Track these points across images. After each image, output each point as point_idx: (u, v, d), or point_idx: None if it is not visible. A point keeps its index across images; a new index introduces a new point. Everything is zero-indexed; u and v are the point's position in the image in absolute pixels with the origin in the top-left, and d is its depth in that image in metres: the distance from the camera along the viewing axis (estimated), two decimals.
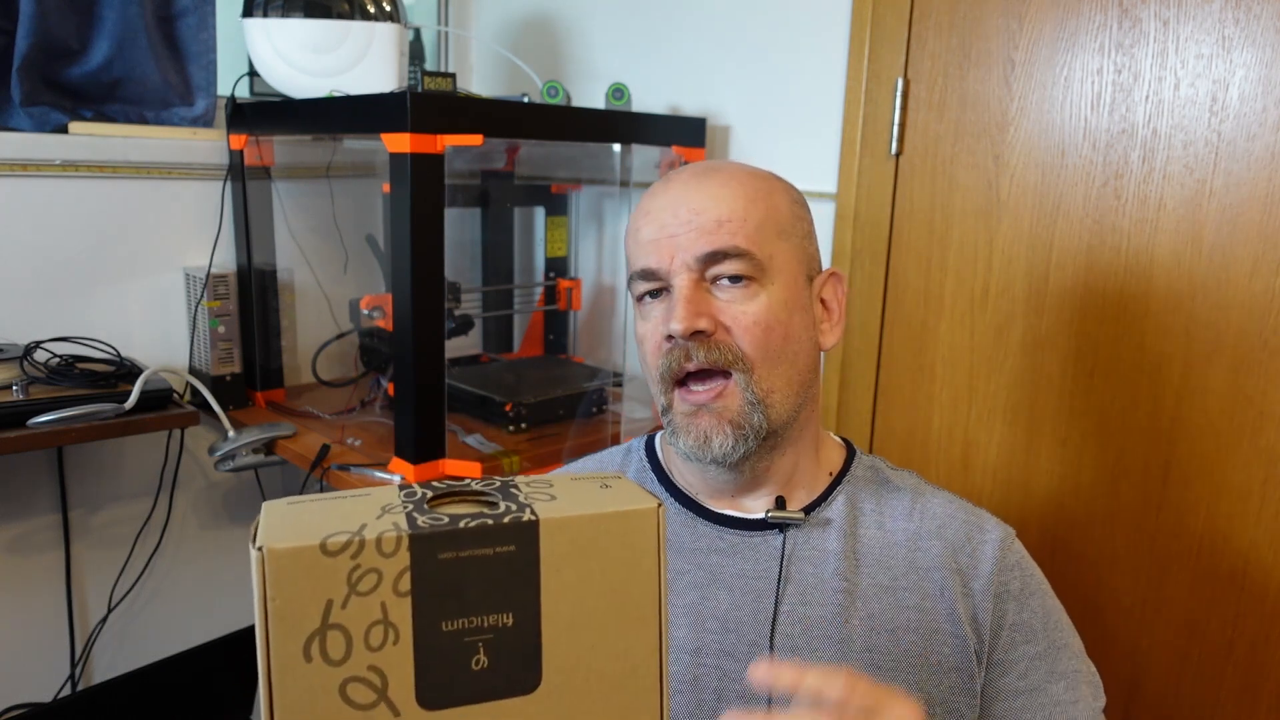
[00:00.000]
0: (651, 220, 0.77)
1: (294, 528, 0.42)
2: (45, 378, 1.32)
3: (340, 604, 0.42)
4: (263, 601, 0.41)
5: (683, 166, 0.81)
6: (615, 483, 0.49)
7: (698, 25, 1.65)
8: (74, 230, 1.50)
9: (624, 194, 1.76)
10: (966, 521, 0.81)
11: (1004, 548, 0.80)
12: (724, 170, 0.77)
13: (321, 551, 0.41)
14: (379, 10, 1.50)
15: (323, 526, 0.42)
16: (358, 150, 1.81)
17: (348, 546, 0.42)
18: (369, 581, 0.42)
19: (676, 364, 0.74)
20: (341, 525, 0.43)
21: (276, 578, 0.41)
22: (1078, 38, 1.20)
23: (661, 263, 0.75)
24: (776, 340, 0.74)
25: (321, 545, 0.41)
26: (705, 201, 0.74)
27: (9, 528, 1.51)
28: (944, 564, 0.78)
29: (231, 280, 1.59)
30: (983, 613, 0.77)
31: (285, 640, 0.41)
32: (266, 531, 0.42)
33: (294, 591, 0.41)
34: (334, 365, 1.80)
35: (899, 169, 1.39)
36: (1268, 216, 1.08)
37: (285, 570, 0.41)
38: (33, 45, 1.42)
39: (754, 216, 0.74)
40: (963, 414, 1.37)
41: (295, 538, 0.41)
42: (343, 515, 0.44)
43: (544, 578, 0.45)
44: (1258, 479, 1.12)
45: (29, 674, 1.56)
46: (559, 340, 1.91)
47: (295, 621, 0.41)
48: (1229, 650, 1.16)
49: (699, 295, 0.73)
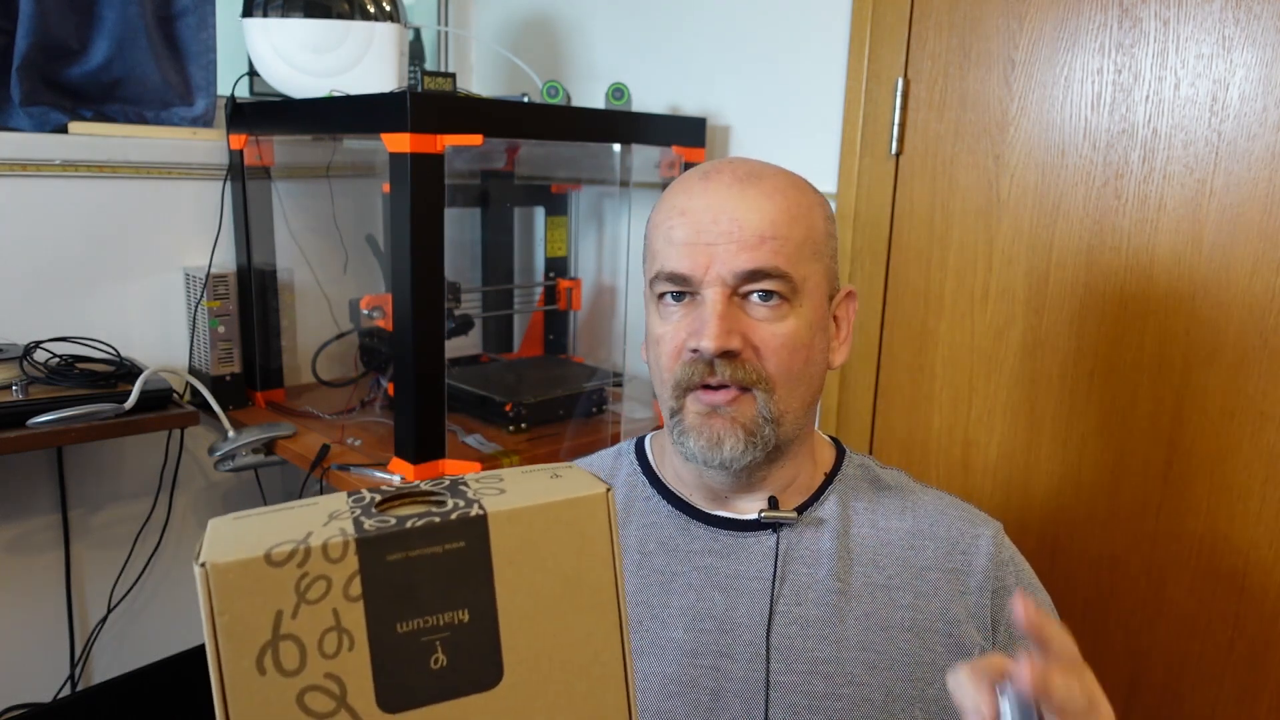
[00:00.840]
0: (689, 222, 0.73)
1: (237, 541, 0.42)
2: (45, 378, 1.32)
3: (290, 614, 0.41)
4: (210, 618, 0.40)
5: (721, 163, 0.77)
6: (566, 472, 0.49)
7: (698, 25, 1.65)
8: (74, 230, 1.50)
9: (624, 194, 1.76)
10: (959, 518, 0.81)
11: (997, 544, 0.80)
12: (768, 178, 0.75)
13: (266, 562, 0.41)
14: (379, 10, 1.50)
15: (267, 538, 0.42)
16: (358, 150, 1.81)
17: (293, 555, 0.41)
18: (318, 589, 0.42)
19: (699, 377, 0.73)
20: (287, 535, 0.42)
21: (222, 593, 0.40)
22: (1078, 38, 1.20)
23: (695, 271, 0.72)
24: (799, 363, 0.74)
25: (266, 556, 0.41)
26: (749, 213, 0.72)
27: (9, 528, 1.51)
28: (938, 563, 0.78)
29: (231, 280, 1.59)
30: (982, 609, 0.77)
31: (237, 656, 0.41)
32: (210, 547, 0.41)
33: (242, 605, 0.40)
34: (334, 365, 1.80)
35: (899, 169, 1.39)
36: (1268, 216, 1.08)
37: (230, 584, 0.40)
38: (33, 45, 1.42)
39: (795, 236, 0.73)
40: (963, 414, 1.37)
41: (238, 551, 0.41)
42: (288, 525, 0.43)
43: (497, 571, 0.44)
44: (1258, 479, 1.12)
45: (29, 674, 1.56)
46: (559, 340, 1.91)
47: (245, 635, 0.41)
48: (1229, 650, 1.16)
49: (731, 312, 0.72)
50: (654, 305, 0.78)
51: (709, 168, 0.77)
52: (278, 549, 0.41)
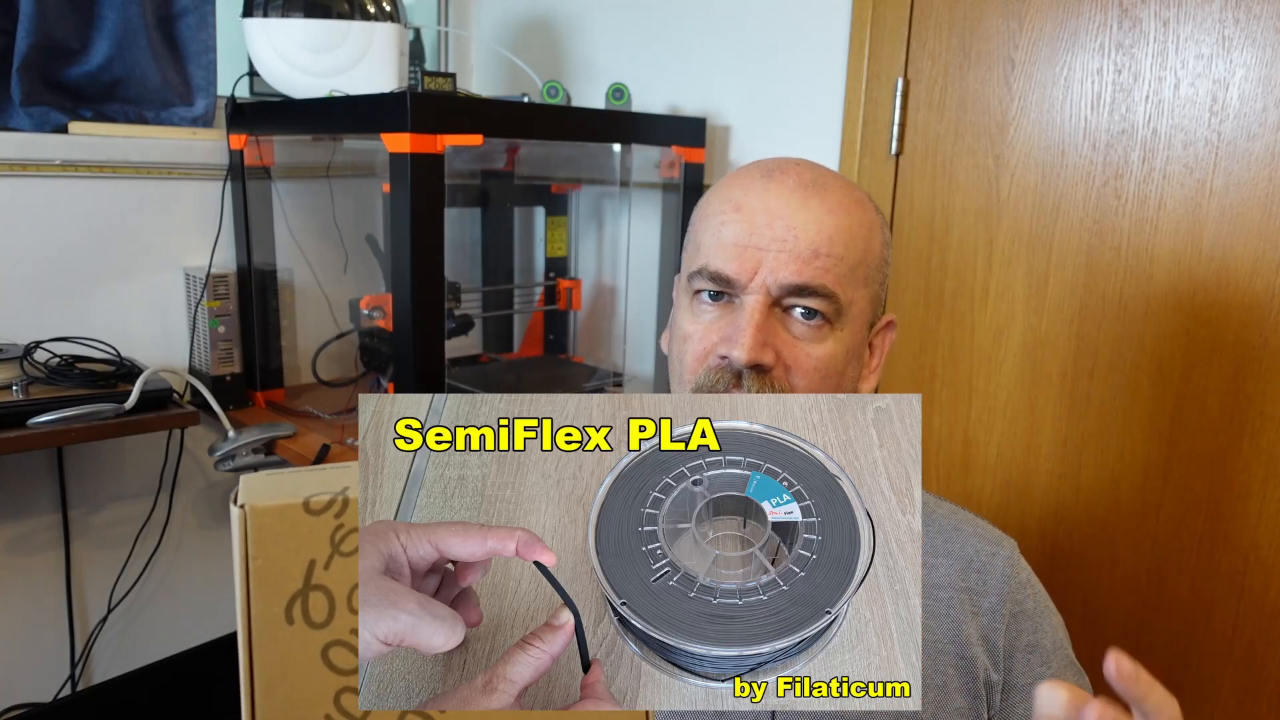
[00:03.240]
0: (742, 220, 0.69)
1: (276, 489, 0.42)
2: (45, 378, 1.32)
3: (323, 564, 0.41)
4: (244, 562, 0.40)
5: (786, 163, 0.72)
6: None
7: (698, 25, 1.65)
8: (74, 230, 1.49)
9: (624, 194, 1.75)
10: (974, 535, 0.78)
11: (1013, 564, 0.77)
12: (833, 190, 0.70)
13: (305, 510, 0.41)
14: (379, 10, 1.50)
15: (305, 488, 0.42)
16: (358, 150, 1.81)
17: (330, 505, 0.41)
18: (352, 542, 0.41)
19: (723, 386, 0.69)
20: (324, 487, 0.42)
21: (259, 536, 0.40)
22: (1078, 38, 1.20)
23: (740, 275, 0.67)
24: (829, 389, 0.70)
25: (305, 504, 0.41)
26: (807, 224, 0.67)
27: (9, 528, 1.51)
28: (952, 582, 0.75)
29: (231, 280, 1.59)
30: (994, 633, 0.74)
31: (267, 602, 0.41)
32: (248, 491, 0.41)
33: (277, 551, 0.40)
34: (334, 365, 1.80)
35: (899, 169, 1.39)
36: (1268, 216, 1.08)
37: (268, 529, 0.40)
38: (33, 45, 1.42)
39: (851, 256, 0.68)
40: (963, 414, 1.37)
41: (278, 497, 0.41)
42: (325, 480, 0.43)
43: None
44: (1258, 479, 1.12)
45: (29, 674, 1.56)
46: (559, 340, 1.91)
47: (277, 582, 0.41)
48: (1229, 650, 1.16)
49: (768, 324, 0.67)
50: (687, 298, 0.73)
51: (773, 166, 0.71)
52: (316, 498, 0.41)
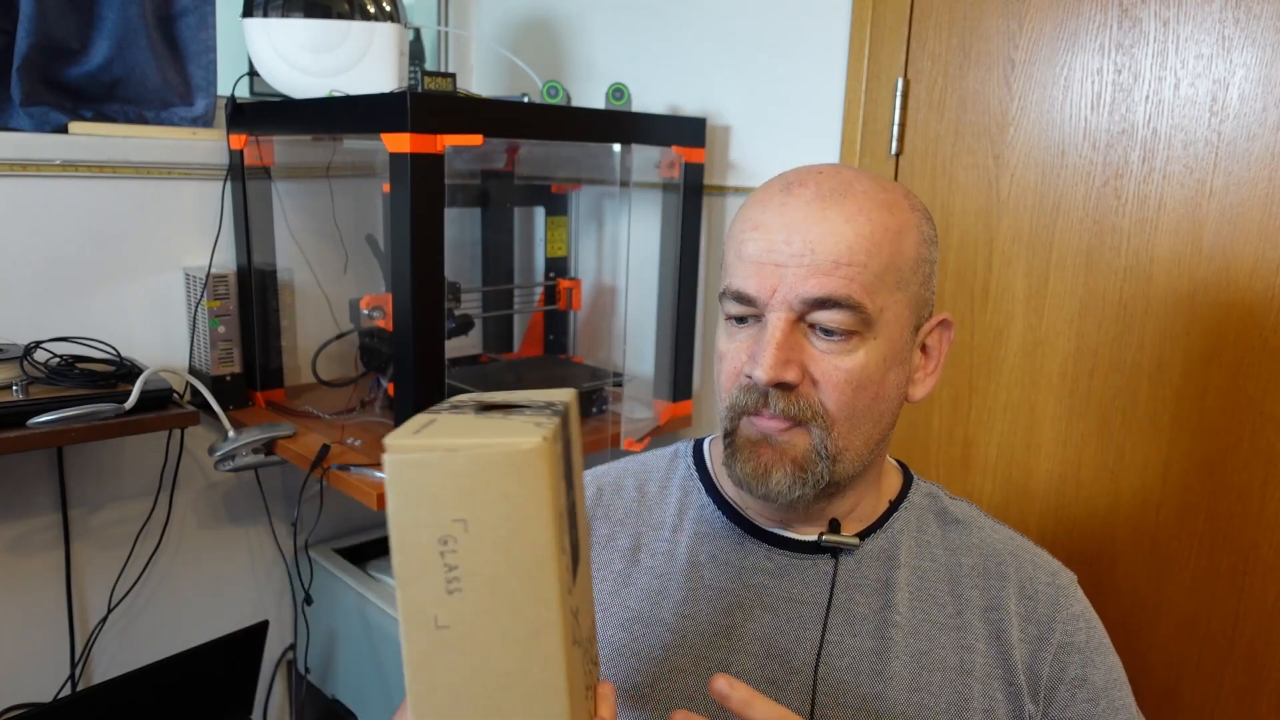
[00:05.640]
0: (761, 237, 0.68)
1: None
2: (45, 378, 1.32)
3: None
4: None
5: (807, 174, 0.71)
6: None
7: (698, 25, 1.65)
8: (74, 230, 1.50)
9: (624, 194, 1.76)
10: (1030, 562, 0.77)
11: (1068, 595, 0.75)
12: (854, 198, 0.68)
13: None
14: (379, 10, 1.50)
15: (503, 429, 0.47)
16: (358, 150, 1.81)
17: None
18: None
19: (752, 406, 0.68)
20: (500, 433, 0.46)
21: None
22: (1078, 38, 1.20)
23: (761, 292, 0.67)
24: (865, 400, 0.68)
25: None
26: (825, 236, 0.66)
27: (9, 528, 1.51)
28: (1002, 604, 0.74)
29: (231, 280, 1.59)
30: (1040, 662, 0.73)
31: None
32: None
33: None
34: (334, 365, 1.80)
35: (899, 169, 1.39)
36: (1268, 216, 1.08)
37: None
38: (33, 45, 1.42)
39: (875, 264, 0.66)
40: (963, 414, 1.37)
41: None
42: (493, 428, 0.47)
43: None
44: (1258, 479, 1.12)
45: (29, 674, 1.56)
46: (559, 340, 1.92)
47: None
48: (1229, 650, 1.16)
49: (792, 340, 0.67)
50: (722, 318, 0.73)
51: (794, 178, 0.70)
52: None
